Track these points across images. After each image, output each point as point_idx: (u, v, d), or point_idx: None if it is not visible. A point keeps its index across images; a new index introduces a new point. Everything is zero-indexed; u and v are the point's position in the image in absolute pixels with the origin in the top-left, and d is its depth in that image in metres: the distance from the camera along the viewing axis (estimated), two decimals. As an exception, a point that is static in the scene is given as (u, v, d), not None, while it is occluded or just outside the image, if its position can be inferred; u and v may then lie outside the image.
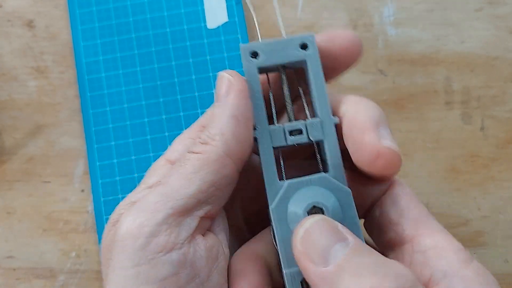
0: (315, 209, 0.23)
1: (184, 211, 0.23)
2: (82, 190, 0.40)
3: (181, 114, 0.41)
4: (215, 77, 0.41)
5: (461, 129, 0.41)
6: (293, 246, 0.22)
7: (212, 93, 0.41)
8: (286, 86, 0.26)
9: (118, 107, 0.41)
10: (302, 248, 0.22)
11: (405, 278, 0.20)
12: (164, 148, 0.40)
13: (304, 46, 0.26)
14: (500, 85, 0.42)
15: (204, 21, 0.42)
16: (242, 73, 0.26)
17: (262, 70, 0.26)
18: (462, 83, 0.42)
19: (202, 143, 0.24)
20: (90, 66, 0.42)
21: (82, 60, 0.42)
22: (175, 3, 0.42)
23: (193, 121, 0.41)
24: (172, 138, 0.41)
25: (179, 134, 0.41)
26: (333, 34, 0.26)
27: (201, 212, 0.24)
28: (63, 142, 0.41)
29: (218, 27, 0.42)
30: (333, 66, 0.26)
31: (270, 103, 0.26)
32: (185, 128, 0.41)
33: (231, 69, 0.42)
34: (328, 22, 0.43)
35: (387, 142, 0.25)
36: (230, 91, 0.25)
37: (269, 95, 0.27)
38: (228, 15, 0.42)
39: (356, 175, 0.26)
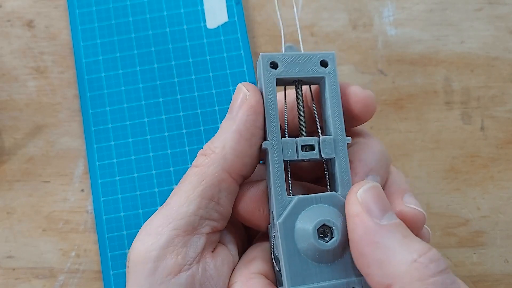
0: (324, 227, 0.23)
1: (188, 230, 0.23)
2: (82, 190, 0.40)
3: (181, 114, 0.41)
4: (215, 77, 0.41)
5: (461, 129, 0.41)
6: (350, 197, 0.23)
7: (212, 93, 0.41)
8: (301, 102, 0.26)
9: (118, 107, 0.41)
10: (362, 199, 0.22)
11: (441, 257, 0.21)
12: (164, 147, 0.40)
13: (324, 63, 0.25)
14: (500, 85, 0.42)
15: (204, 21, 0.42)
16: (247, 80, 0.25)
17: (279, 81, 0.26)
18: (461, 83, 0.42)
19: (202, 155, 0.25)
20: (90, 66, 0.42)
21: (82, 60, 0.42)
22: (175, 3, 0.43)
23: (193, 121, 0.41)
24: (172, 138, 0.41)
25: (178, 134, 0.41)
26: (353, 93, 0.26)
27: (206, 229, 0.24)
28: (63, 142, 0.41)
29: (218, 27, 0.42)
30: (346, 120, 0.26)
31: (284, 116, 0.26)
32: (185, 128, 0.41)
33: (230, 69, 0.42)
34: (328, 22, 0.43)
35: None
36: (242, 105, 0.24)
37: (284, 108, 0.26)
38: (228, 15, 0.42)
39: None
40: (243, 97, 0.25)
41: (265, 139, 0.24)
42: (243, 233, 0.28)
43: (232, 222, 0.26)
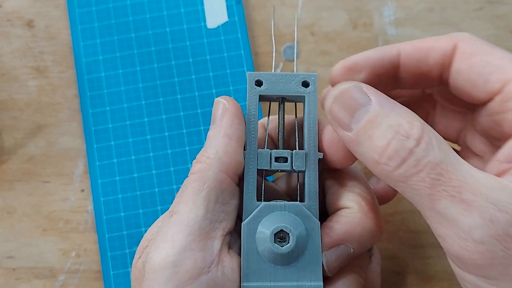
0: (282, 233, 0.25)
1: (203, 234, 0.24)
2: (82, 190, 0.40)
3: (181, 113, 0.41)
4: (215, 77, 0.41)
5: (461, 128, 0.41)
6: (326, 113, 0.25)
7: (212, 93, 0.41)
8: (282, 116, 0.28)
9: (118, 107, 0.41)
10: (330, 115, 0.24)
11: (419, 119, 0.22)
12: (164, 147, 0.41)
13: (305, 84, 0.27)
14: (500, 85, 0.42)
15: (204, 20, 0.42)
16: (244, 89, 0.28)
17: (263, 98, 0.28)
18: (462, 82, 0.42)
19: (198, 162, 0.26)
20: (90, 65, 0.42)
21: (82, 59, 0.42)
22: (174, 3, 0.42)
23: (193, 121, 0.41)
24: (172, 138, 0.41)
25: (178, 133, 0.41)
26: (333, 140, 0.27)
27: (219, 232, 0.25)
28: (63, 142, 0.41)
29: (218, 26, 0.42)
30: (328, 162, 0.28)
31: (270, 128, 0.29)
32: (185, 128, 0.41)
33: (230, 68, 0.42)
34: (328, 22, 0.43)
35: None
36: (225, 113, 0.26)
37: (267, 122, 0.29)
38: (228, 15, 0.42)
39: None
40: (224, 106, 0.27)
41: (244, 148, 0.27)
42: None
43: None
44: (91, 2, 0.42)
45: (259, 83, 0.27)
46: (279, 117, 0.28)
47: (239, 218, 0.27)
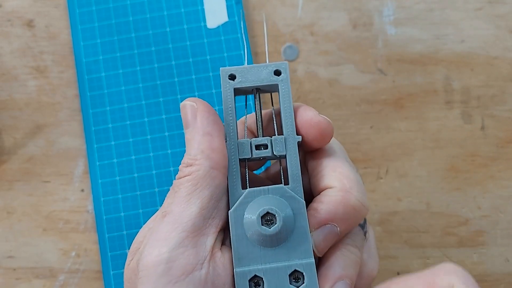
0: (268, 215, 0.25)
1: (196, 231, 0.24)
2: (82, 190, 0.40)
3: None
4: (215, 77, 0.41)
5: (461, 128, 0.41)
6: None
7: (212, 93, 0.41)
8: (259, 107, 0.29)
9: (118, 107, 0.41)
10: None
11: None
12: (164, 147, 0.40)
13: (277, 72, 0.28)
14: (500, 85, 0.42)
15: (204, 20, 0.42)
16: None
17: (239, 91, 0.28)
18: (461, 82, 0.42)
19: (186, 166, 0.26)
20: (90, 65, 0.42)
21: (82, 59, 0.42)
22: (175, 3, 0.42)
23: (193, 121, 0.41)
24: (172, 138, 0.41)
25: (178, 133, 0.41)
26: (307, 120, 0.28)
27: (212, 229, 0.25)
28: (63, 142, 0.41)
29: (218, 26, 0.42)
30: (306, 143, 0.28)
31: (255, 123, 0.29)
32: (185, 128, 0.41)
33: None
34: (327, 22, 0.43)
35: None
36: (196, 114, 0.27)
37: (245, 115, 0.29)
38: (228, 15, 0.42)
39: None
40: (192, 108, 0.27)
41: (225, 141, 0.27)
42: None
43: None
44: (91, 2, 0.42)
45: (232, 77, 0.28)
46: (255, 108, 0.29)
47: None
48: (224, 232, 0.26)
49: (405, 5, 0.43)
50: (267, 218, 0.25)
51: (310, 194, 0.28)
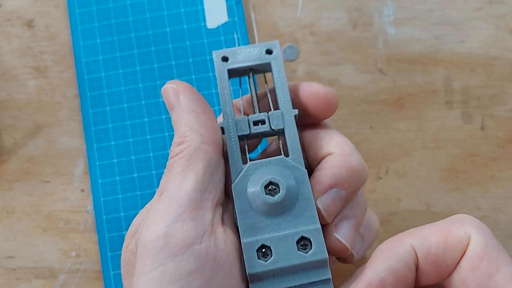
0: (271, 184, 0.25)
1: (193, 205, 0.24)
2: (82, 190, 0.40)
3: (181, 113, 0.41)
4: (215, 77, 0.41)
5: (461, 128, 0.41)
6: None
7: (212, 93, 0.41)
8: (253, 86, 0.29)
9: (118, 107, 0.41)
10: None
11: None
12: (164, 147, 0.41)
13: (269, 51, 0.29)
14: (500, 85, 0.42)
15: (204, 20, 0.42)
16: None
17: (233, 72, 0.29)
18: (461, 82, 0.42)
19: (178, 145, 0.26)
20: (90, 65, 0.42)
21: (82, 59, 0.42)
22: (174, 3, 0.42)
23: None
24: (172, 138, 0.41)
25: (179, 133, 0.41)
26: (313, 91, 0.28)
27: (209, 203, 0.25)
28: (62, 141, 0.41)
29: (218, 27, 0.42)
30: (310, 116, 0.29)
31: (251, 103, 0.30)
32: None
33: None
34: (327, 22, 0.43)
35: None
36: (178, 94, 0.27)
37: (240, 94, 0.30)
38: (228, 15, 0.42)
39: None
40: (173, 90, 0.27)
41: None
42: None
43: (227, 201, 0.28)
44: (91, 2, 0.42)
45: (225, 58, 0.29)
46: (250, 87, 0.29)
47: (227, 195, 0.27)
48: (223, 208, 0.26)
49: (405, 5, 0.43)
50: (271, 188, 0.25)
51: (309, 170, 0.28)
